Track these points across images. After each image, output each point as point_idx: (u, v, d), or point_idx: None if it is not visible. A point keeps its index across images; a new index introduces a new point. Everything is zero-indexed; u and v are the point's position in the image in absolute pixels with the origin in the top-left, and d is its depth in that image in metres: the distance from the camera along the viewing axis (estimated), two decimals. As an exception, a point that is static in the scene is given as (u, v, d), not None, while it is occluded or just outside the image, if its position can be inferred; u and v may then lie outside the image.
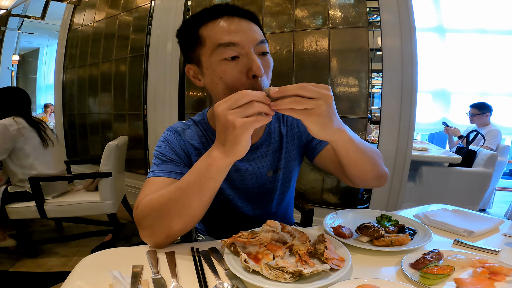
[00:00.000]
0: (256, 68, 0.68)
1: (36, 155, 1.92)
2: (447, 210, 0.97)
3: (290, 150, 0.91)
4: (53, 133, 2.11)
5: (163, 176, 0.74)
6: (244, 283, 0.56)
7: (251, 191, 0.88)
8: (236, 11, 0.74)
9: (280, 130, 0.91)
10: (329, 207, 2.39)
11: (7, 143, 1.82)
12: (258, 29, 0.75)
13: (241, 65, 0.70)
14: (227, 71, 0.70)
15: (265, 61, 0.74)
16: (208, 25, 0.73)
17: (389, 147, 2.21)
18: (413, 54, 2.12)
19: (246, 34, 0.71)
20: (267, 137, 0.88)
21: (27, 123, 1.91)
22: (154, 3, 2.98)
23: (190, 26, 0.75)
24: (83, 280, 0.57)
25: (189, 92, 2.81)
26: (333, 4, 2.27)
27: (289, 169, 0.92)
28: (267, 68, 0.74)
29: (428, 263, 0.60)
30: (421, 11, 4.14)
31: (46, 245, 2.18)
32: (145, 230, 0.68)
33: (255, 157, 0.86)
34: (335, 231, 0.75)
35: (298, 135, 0.92)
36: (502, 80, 4.19)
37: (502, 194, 4.02)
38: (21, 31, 6.38)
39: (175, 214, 0.64)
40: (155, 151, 0.80)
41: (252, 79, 0.70)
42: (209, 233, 0.98)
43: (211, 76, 0.73)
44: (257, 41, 0.71)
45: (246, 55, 0.70)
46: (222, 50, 0.70)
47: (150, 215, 0.66)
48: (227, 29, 0.70)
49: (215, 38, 0.70)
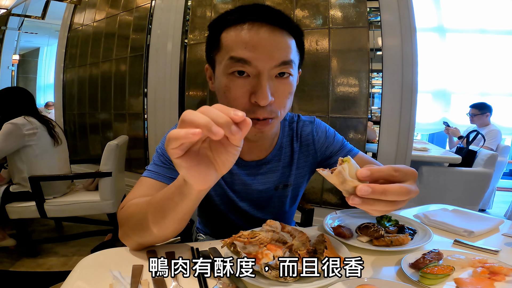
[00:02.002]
0: (260, 96, 0.60)
1: (44, 154, 1.93)
2: (447, 210, 0.97)
3: (302, 166, 0.86)
4: (62, 131, 2.12)
5: (154, 179, 0.72)
6: (244, 283, 0.56)
7: (258, 203, 0.86)
8: (268, 17, 0.61)
9: (292, 145, 0.85)
10: (329, 207, 2.39)
11: (16, 143, 1.81)
12: (289, 44, 0.63)
13: (248, 85, 0.61)
14: (231, 88, 0.63)
15: (282, 85, 0.63)
16: (230, 30, 0.63)
17: (389, 147, 2.21)
18: (413, 54, 2.12)
19: (265, 51, 0.60)
20: (277, 152, 0.83)
21: (39, 122, 1.91)
22: (154, 3, 2.98)
23: (216, 26, 0.67)
24: (83, 280, 0.57)
25: (189, 92, 2.81)
26: (334, 4, 2.27)
27: (299, 185, 0.88)
28: (282, 94, 0.64)
29: (428, 263, 0.60)
30: (421, 11, 4.14)
31: (46, 245, 2.18)
32: (121, 232, 0.67)
33: (263, 172, 0.82)
34: (335, 231, 0.75)
35: (313, 152, 0.86)
36: (502, 80, 4.19)
37: (502, 194, 4.02)
38: (21, 31, 6.38)
39: (140, 226, 0.61)
40: (158, 147, 0.77)
41: (254, 105, 0.62)
42: (211, 232, 0.97)
43: (218, 85, 0.68)
44: (277, 62, 0.61)
45: (257, 76, 0.61)
46: (232, 64, 0.61)
47: (125, 220, 0.66)
48: (245, 41, 0.60)
49: (229, 49, 0.62)
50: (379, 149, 2.23)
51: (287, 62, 0.62)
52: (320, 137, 0.86)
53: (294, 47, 0.65)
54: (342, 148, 0.87)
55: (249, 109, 0.63)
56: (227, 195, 0.83)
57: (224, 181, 0.82)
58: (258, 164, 0.82)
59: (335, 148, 0.87)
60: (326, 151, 0.87)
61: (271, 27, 0.61)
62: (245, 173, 0.82)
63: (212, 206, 0.86)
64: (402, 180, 0.47)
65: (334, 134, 0.89)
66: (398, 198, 0.44)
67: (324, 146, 0.87)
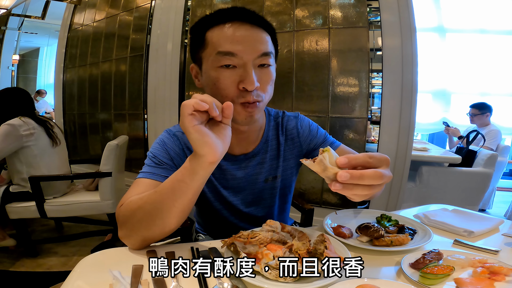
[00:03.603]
0: (247, 82, 0.68)
1: (43, 155, 1.92)
2: (447, 210, 0.97)
3: (288, 159, 0.91)
4: (60, 131, 2.12)
5: (151, 179, 0.73)
6: (244, 283, 0.56)
7: (250, 196, 0.89)
8: (247, 17, 0.71)
9: (278, 138, 0.90)
10: (329, 207, 2.39)
11: (14, 144, 1.81)
12: (266, 39, 0.72)
13: (235, 75, 0.69)
14: (220, 79, 0.70)
15: (264, 73, 0.72)
16: (214, 29, 0.71)
17: (389, 147, 2.21)
18: (413, 54, 2.12)
19: (248, 45, 0.69)
20: (264, 145, 0.88)
21: (35, 123, 1.90)
22: (154, 3, 2.98)
23: (199, 27, 0.75)
24: (83, 280, 0.57)
25: (189, 92, 2.81)
26: (334, 4, 2.27)
27: (287, 176, 0.92)
28: (265, 81, 0.72)
29: (428, 263, 0.60)
30: (421, 11, 4.14)
31: (46, 245, 2.18)
32: (122, 231, 0.67)
33: (251, 165, 0.86)
34: (335, 231, 0.75)
35: (298, 145, 0.92)
36: (502, 80, 4.19)
37: (502, 194, 4.02)
38: (21, 31, 6.39)
39: (149, 217, 0.63)
40: (149, 152, 0.79)
41: (243, 91, 0.69)
42: (209, 233, 0.98)
43: (207, 80, 0.74)
44: (259, 53, 0.70)
45: (243, 66, 0.69)
46: (220, 58, 0.69)
47: (128, 217, 0.66)
48: (230, 37, 0.69)
49: (216, 45, 0.70)
50: (379, 149, 2.23)
51: (267, 54, 0.71)
52: (304, 130, 0.93)
53: (270, 41, 0.74)
54: (325, 141, 0.93)
55: (238, 95, 0.70)
56: (219, 191, 0.86)
57: (215, 177, 0.85)
58: (247, 158, 0.86)
59: (318, 140, 0.93)
60: (310, 144, 0.93)
61: (250, 25, 0.71)
62: (235, 167, 0.85)
63: (207, 205, 0.88)
64: (376, 166, 0.51)
65: (317, 128, 0.96)
66: (374, 182, 0.49)
67: (308, 139, 0.93)
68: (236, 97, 0.70)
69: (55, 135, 2.00)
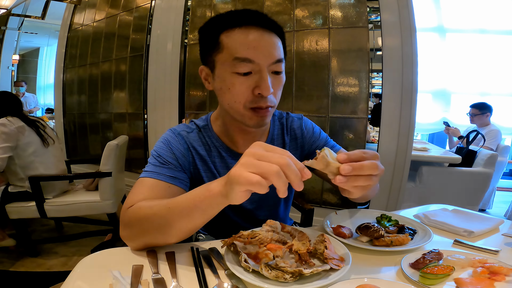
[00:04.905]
0: (264, 88, 0.69)
1: (36, 154, 1.91)
2: (447, 210, 0.97)
3: None
4: (53, 131, 2.11)
5: (156, 179, 0.72)
6: (244, 283, 0.56)
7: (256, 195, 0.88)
8: (263, 22, 0.71)
9: (284, 138, 0.91)
10: (329, 207, 2.39)
11: (13, 139, 1.80)
12: (280, 45, 0.73)
13: (251, 81, 0.70)
14: (236, 84, 0.71)
15: (277, 80, 0.74)
16: (229, 33, 0.71)
17: (389, 147, 2.21)
18: (413, 54, 2.12)
19: (264, 51, 0.70)
20: (270, 143, 0.87)
21: (24, 122, 1.89)
22: (154, 3, 2.98)
23: (213, 28, 0.74)
24: (83, 280, 0.57)
25: (189, 91, 2.81)
26: (334, 4, 2.27)
27: None
28: (277, 87, 0.74)
29: (428, 263, 0.60)
30: (421, 11, 4.14)
31: (46, 245, 2.18)
32: (125, 231, 0.67)
33: None
34: (335, 231, 0.75)
35: (301, 145, 0.93)
36: (502, 80, 4.18)
37: (502, 194, 4.02)
38: (21, 31, 6.38)
39: (156, 229, 0.63)
40: (153, 151, 0.78)
41: (257, 96, 0.71)
42: (210, 232, 0.98)
43: (220, 84, 0.74)
44: (274, 59, 0.71)
45: (259, 72, 0.70)
46: (237, 64, 0.69)
47: (134, 223, 0.66)
48: (247, 42, 0.69)
49: (233, 50, 0.70)
50: (379, 149, 2.23)
51: (281, 60, 0.73)
52: (308, 131, 0.95)
53: (282, 47, 0.75)
54: (326, 144, 0.96)
55: (252, 100, 0.72)
56: None
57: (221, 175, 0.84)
58: None
59: (320, 143, 0.95)
60: (312, 145, 0.94)
61: (264, 30, 0.71)
62: None
63: None
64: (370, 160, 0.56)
65: (319, 131, 0.97)
66: (372, 172, 0.54)
67: (312, 140, 0.94)
68: (249, 102, 0.72)
69: (46, 135, 1.99)
